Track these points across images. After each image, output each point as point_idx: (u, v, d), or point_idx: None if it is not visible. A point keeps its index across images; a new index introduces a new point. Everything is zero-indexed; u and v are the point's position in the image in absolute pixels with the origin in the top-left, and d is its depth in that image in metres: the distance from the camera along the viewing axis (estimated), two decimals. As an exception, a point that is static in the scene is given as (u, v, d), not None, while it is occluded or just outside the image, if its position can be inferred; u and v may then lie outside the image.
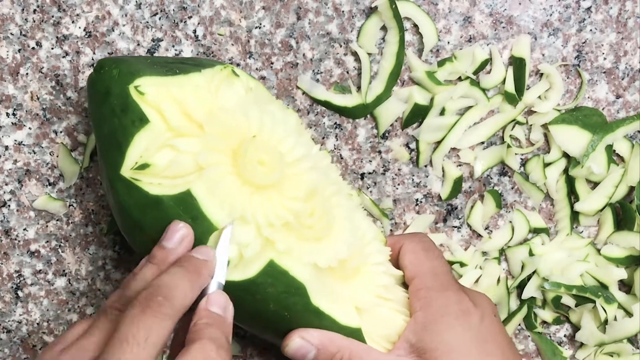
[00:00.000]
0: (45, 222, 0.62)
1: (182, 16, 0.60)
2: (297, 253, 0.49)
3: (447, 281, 0.54)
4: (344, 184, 0.56)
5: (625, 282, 0.64)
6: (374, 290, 0.53)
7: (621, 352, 0.63)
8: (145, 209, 0.48)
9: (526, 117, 0.63)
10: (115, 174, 0.48)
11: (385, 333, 0.53)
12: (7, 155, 0.61)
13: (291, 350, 0.51)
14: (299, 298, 0.50)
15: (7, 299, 0.62)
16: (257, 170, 0.48)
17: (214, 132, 0.48)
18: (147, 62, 0.51)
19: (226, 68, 0.52)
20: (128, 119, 0.48)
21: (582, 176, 0.63)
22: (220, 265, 0.47)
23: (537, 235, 0.64)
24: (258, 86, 0.54)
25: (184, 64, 0.52)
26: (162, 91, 0.49)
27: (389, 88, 0.61)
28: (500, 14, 0.62)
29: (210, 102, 0.50)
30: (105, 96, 0.49)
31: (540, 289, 0.63)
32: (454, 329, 0.51)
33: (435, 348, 0.51)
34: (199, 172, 0.48)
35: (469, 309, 0.52)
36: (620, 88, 0.63)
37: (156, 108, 0.48)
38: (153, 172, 0.47)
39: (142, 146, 0.48)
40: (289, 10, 0.61)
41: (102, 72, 0.50)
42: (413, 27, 0.61)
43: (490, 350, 0.51)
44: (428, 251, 0.55)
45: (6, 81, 0.60)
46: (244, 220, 0.48)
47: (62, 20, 0.59)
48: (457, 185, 0.63)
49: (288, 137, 0.51)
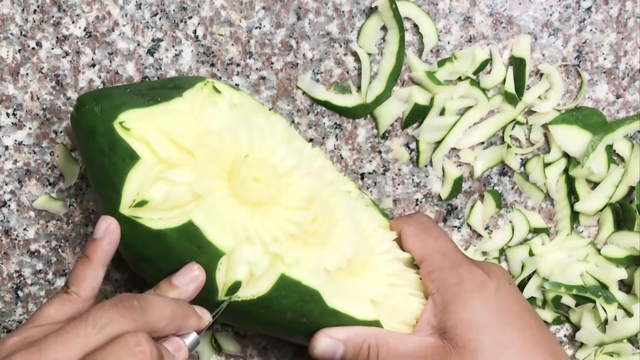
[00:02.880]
0: (46, 222, 0.62)
1: (182, 16, 0.60)
2: (306, 261, 0.50)
3: (457, 258, 0.54)
4: (341, 180, 0.56)
5: (625, 282, 0.64)
6: (385, 279, 0.53)
7: (621, 352, 0.63)
8: (149, 243, 0.48)
9: (526, 117, 0.63)
10: (115, 213, 0.48)
11: (402, 319, 0.53)
12: (7, 155, 0.61)
13: (320, 351, 0.52)
14: (315, 304, 0.50)
15: (7, 299, 0.62)
16: (253, 188, 0.48)
17: (204, 157, 0.48)
18: (127, 93, 0.51)
19: (207, 85, 0.52)
20: (118, 157, 0.48)
21: (582, 176, 0.63)
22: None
23: (537, 235, 0.64)
24: (241, 97, 0.54)
25: (165, 88, 0.52)
26: (147, 124, 0.48)
27: (389, 88, 0.61)
28: (501, 14, 0.62)
29: (196, 126, 0.49)
30: (90, 135, 0.49)
31: (541, 289, 0.63)
32: (472, 305, 0.51)
33: (455, 326, 0.51)
34: (197, 201, 0.48)
35: (484, 281, 0.52)
36: (620, 88, 0.63)
37: (144, 141, 0.48)
38: (151, 207, 0.47)
39: (136, 183, 0.47)
40: (289, 10, 0.61)
41: (83, 110, 0.50)
42: (413, 27, 0.61)
43: (509, 319, 0.51)
44: (428, 231, 0.55)
45: (6, 81, 0.60)
46: (249, 240, 0.48)
47: (62, 21, 0.59)
48: (457, 185, 0.63)
49: (278, 148, 0.51)
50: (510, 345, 0.50)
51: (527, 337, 0.51)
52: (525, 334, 0.51)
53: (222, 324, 0.64)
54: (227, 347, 0.64)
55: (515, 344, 0.50)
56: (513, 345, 0.50)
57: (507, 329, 0.51)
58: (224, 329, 0.64)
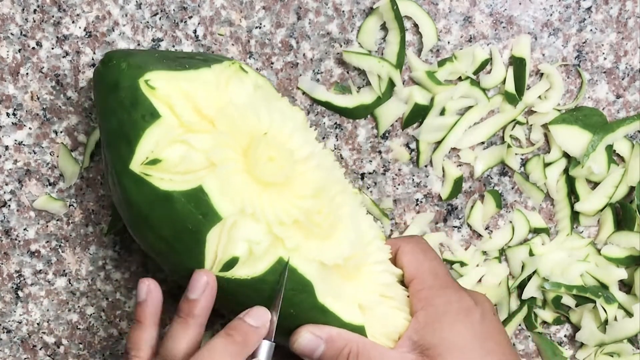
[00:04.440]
0: (46, 222, 0.62)
1: (183, 16, 0.60)
2: (305, 251, 0.50)
3: (447, 281, 0.54)
4: (348, 183, 0.56)
5: (625, 282, 0.64)
6: (376, 288, 0.54)
7: (621, 352, 0.63)
8: (155, 204, 0.48)
9: (526, 117, 0.63)
10: (124, 169, 0.48)
11: (386, 331, 0.53)
12: (7, 155, 0.61)
13: (300, 346, 0.51)
14: (306, 295, 0.50)
15: (7, 299, 0.62)
16: (267, 167, 0.48)
17: (225, 129, 0.48)
18: (155, 57, 0.51)
19: (234, 64, 0.52)
20: (138, 113, 0.48)
21: (583, 176, 0.63)
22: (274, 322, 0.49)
23: (537, 235, 0.64)
24: (265, 83, 0.54)
25: (193, 59, 0.52)
26: (173, 86, 0.48)
27: (389, 88, 0.61)
28: (501, 14, 0.62)
29: (220, 98, 0.49)
30: (113, 89, 0.49)
31: (541, 289, 0.63)
32: (456, 326, 0.52)
33: (438, 344, 0.51)
34: (210, 168, 0.48)
35: (470, 307, 0.53)
36: (620, 88, 0.63)
37: (167, 103, 0.48)
38: (164, 167, 0.47)
39: (153, 141, 0.47)
40: (289, 10, 0.61)
41: (110, 64, 0.50)
42: (413, 27, 0.61)
43: (491, 347, 0.52)
44: (426, 252, 0.56)
45: (6, 81, 0.60)
46: (254, 217, 0.48)
47: (62, 20, 0.59)
48: (458, 185, 0.63)
49: (296, 133, 0.51)
50: None
51: None
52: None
53: (222, 323, 0.64)
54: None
55: None
56: None
57: (487, 355, 0.51)
58: (224, 329, 0.64)
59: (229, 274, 0.49)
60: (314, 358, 0.52)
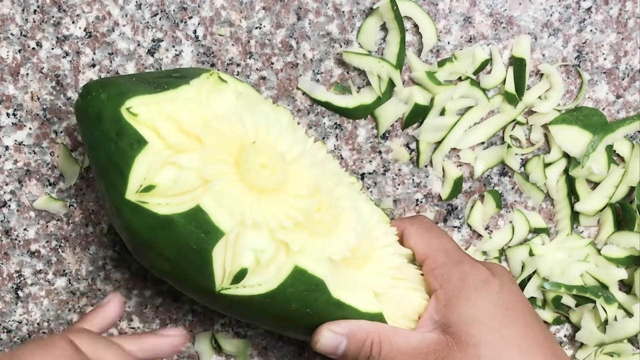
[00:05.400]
0: (46, 222, 0.62)
1: (183, 16, 0.60)
2: (311, 250, 0.50)
3: (460, 255, 0.54)
4: (343, 173, 0.56)
5: (625, 282, 0.64)
6: (387, 272, 0.54)
7: (621, 352, 0.63)
8: (156, 229, 0.48)
9: (526, 117, 0.63)
10: (120, 199, 0.48)
11: (405, 313, 0.53)
12: (7, 156, 0.61)
13: (322, 346, 0.52)
14: (320, 294, 0.50)
15: (8, 299, 0.62)
16: (260, 174, 0.48)
17: (212, 143, 0.48)
18: (133, 81, 0.50)
19: (212, 75, 0.52)
20: (125, 143, 0.48)
21: (583, 176, 0.63)
22: None
23: (537, 235, 0.64)
24: (246, 88, 0.54)
25: (170, 78, 0.52)
26: (155, 109, 0.48)
27: (389, 88, 0.61)
28: (501, 14, 0.62)
29: (203, 113, 0.49)
30: (97, 122, 0.49)
31: (541, 289, 0.63)
32: (475, 300, 0.51)
33: (458, 321, 0.51)
34: (205, 186, 0.48)
35: (487, 279, 0.52)
36: (620, 88, 0.63)
37: (151, 127, 0.48)
38: (159, 192, 0.47)
39: (144, 168, 0.47)
40: (289, 10, 0.61)
41: (89, 97, 0.50)
42: (413, 27, 0.61)
43: (512, 317, 0.51)
44: (431, 230, 0.56)
45: (6, 81, 0.60)
46: (256, 226, 0.48)
47: (62, 21, 0.59)
48: (458, 185, 0.63)
49: (284, 135, 0.51)
50: (512, 342, 0.50)
51: (529, 335, 0.51)
52: (527, 332, 0.51)
53: (222, 323, 0.64)
54: (227, 347, 0.64)
55: (518, 340, 0.50)
56: (515, 342, 0.50)
57: (510, 325, 0.51)
58: (223, 329, 0.64)
59: (241, 286, 0.49)
60: (338, 354, 0.52)
